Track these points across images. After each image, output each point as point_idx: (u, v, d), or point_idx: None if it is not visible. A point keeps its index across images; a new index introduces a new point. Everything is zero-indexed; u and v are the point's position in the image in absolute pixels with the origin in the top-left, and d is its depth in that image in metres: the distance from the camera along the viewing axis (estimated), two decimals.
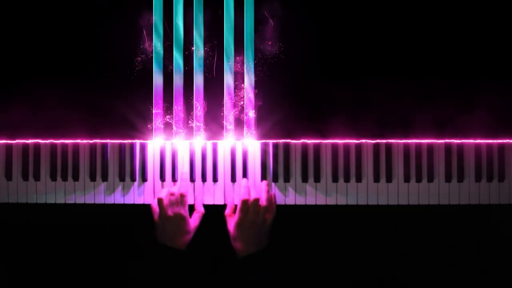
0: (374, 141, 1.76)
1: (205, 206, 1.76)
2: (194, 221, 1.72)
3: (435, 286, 1.83)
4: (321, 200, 1.76)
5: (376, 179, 1.75)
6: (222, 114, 1.77)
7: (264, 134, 1.77)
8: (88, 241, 1.85)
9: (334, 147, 1.76)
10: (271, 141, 1.76)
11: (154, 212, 1.71)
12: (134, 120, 1.77)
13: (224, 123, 1.77)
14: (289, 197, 1.76)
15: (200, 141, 1.77)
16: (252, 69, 1.76)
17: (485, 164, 1.75)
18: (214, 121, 1.77)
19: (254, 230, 1.67)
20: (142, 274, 1.65)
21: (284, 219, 1.76)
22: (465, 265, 1.83)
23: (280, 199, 1.76)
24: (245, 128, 1.77)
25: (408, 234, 1.83)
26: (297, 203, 1.76)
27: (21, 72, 1.78)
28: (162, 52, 1.77)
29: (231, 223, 1.71)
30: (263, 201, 1.70)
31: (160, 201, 1.70)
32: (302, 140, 1.76)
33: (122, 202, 1.77)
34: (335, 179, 1.76)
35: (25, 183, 1.77)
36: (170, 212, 1.69)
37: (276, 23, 1.77)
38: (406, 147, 1.76)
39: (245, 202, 1.69)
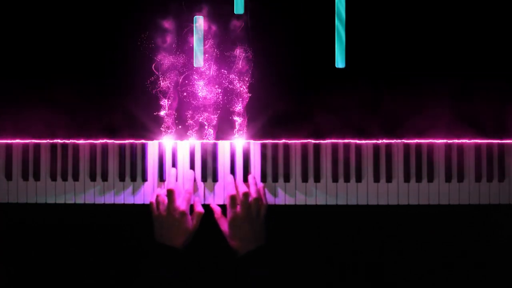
0: (374, 142, 1.76)
1: (204, 206, 1.76)
2: (194, 221, 1.72)
3: (435, 286, 1.83)
4: (321, 200, 1.76)
5: (376, 179, 1.75)
6: (222, 115, 1.77)
7: (263, 134, 1.77)
8: (88, 241, 1.85)
9: (334, 147, 1.76)
10: (269, 141, 1.76)
11: (154, 211, 1.71)
12: (135, 120, 1.77)
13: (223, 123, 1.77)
14: (291, 197, 1.76)
15: (199, 141, 1.77)
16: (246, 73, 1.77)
17: (485, 164, 1.75)
18: (218, 121, 1.77)
19: (249, 225, 1.67)
20: (143, 274, 1.65)
21: (285, 219, 1.76)
22: (465, 265, 1.83)
23: (280, 199, 1.76)
24: (238, 128, 1.77)
25: (408, 234, 1.83)
26: (297, 203, 1.76)
27: (28, 73, 1.78)
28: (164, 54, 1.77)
29: (224, 223, 1.71)
30: (252, 195, 1.69)
31: (158, 198, 1.69)
32: (301, 141, 1.76)
33: (122, 202, 1.77)
34: (335, 179, 1.76)
35: (25, 183, 1.77)
36: (171, 210, 1.68)
37: (268, 22, 1.77)
38: (406, 147, 1.76)
39: (233, 198, 1.69)
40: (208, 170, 1.77)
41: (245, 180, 1.76)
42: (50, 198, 1.77)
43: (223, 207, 1.76)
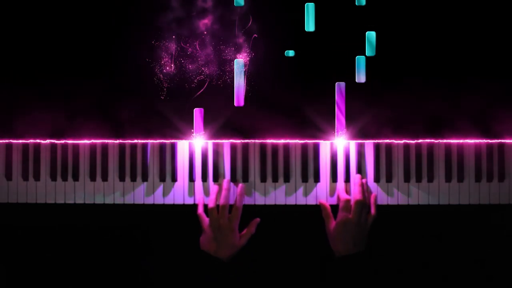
0: (374, 141, 1.76)
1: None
2: (243, 239, 1.71)
3: (435, 286, 1.84)
4: (321, 200, 1.76)
5: (377, 179, 1.76)
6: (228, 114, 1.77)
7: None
8: (88, 242, 1.85)
9: (334, 146, 1.76)
10: (269, 141, 1.76)
11: (203, 221, 1.70)
12: (140, 119, 1.77)
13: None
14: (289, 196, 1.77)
15: (200, 141, 1.77)
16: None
17: (485, 164, 1.75)
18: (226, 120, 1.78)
19: (356, 231, 1.66)
20: (186, 280, 1.64)
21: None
22: (465, 265, 1.83)
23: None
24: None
25: (408, 234, 1.83)
26: (298, 203, 1.77)
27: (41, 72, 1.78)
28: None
29: (330, 223, 1.70)
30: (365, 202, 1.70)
31: (212, 210, 1.69)
32: (301, 141, 1.76)
33: (122, 202, 1.77)
34: (334, 179, 1.76)
35: (25, 183, 1.77)
36: (221, 223, 1.68)
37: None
38: (406, 147, 1.76)
39: (347, 201, 1.68)
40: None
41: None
42: (50, 198, 1.77)
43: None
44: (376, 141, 1.76)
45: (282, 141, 1.76)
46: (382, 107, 1.75)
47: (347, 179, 1.76)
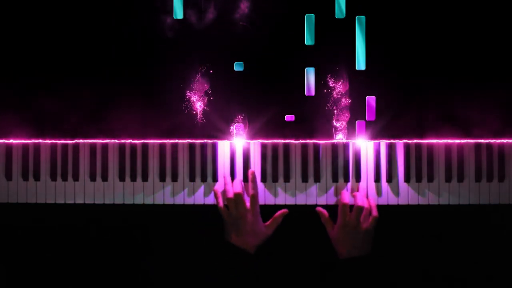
0: (374, 141, 1.76)
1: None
2: (270, 228, 1.72)
3: (435, 286, 1.84)
4: (321, 200, 1.76)
5: (377, 179, 1.76)
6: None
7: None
8: (88, 242, 1.85)
9: (334, 147, 1.76)
10: (269, 141, 1.76)
11: (225, 212, 1.70)
12: (137, 119, 1.77)
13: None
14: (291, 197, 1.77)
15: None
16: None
17: (485, 164, 1.76)
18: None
19: (357, 234, 1.67)
20: (212, 274, 1.65)
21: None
22: (465, 266, 1.83)
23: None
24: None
25: (408, 234, 1.83)
26: (298, 203, 1.77)
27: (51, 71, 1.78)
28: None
29: (331, 227, 1.72)
30: (365, 206, 1.70)
31: (231, 200, 1.69)
32: (301, 141, 1.76)
33: (122, 202, 1.77)
34: (335, 179, 1.76)
35: (25, 183, 1.77)
36: (242, 209, 1.69)
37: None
38: (406, 147, 1.76)
39: (346, 206, 1.69)
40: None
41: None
42: (50, 198, 1.77)
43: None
44: (376, 141, 1.76)
45: (282, 141, 1.77)
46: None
47: (347, 179, 1.76)
